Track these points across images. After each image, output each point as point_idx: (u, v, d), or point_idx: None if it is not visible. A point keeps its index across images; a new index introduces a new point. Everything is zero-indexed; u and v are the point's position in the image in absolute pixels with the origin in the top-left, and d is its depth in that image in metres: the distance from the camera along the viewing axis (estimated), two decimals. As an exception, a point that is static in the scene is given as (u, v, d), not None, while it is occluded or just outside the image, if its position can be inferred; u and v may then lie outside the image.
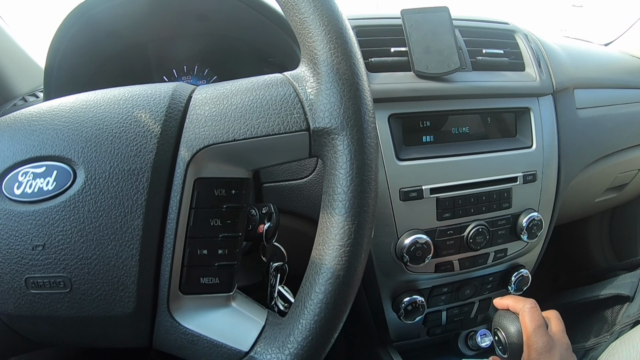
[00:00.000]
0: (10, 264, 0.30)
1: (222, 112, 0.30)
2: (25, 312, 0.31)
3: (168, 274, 0.30)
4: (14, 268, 0.30)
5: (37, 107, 0.33)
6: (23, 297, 0.31)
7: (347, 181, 0.27)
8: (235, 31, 0.63)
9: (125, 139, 0.30)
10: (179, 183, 0.29)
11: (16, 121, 0.33)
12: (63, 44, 0.59)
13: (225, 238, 0.30)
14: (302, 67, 0.30)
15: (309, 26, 0.28)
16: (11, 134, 0.32)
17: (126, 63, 0.67)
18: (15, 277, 0.30)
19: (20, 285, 0.31)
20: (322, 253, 0.28)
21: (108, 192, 0.29)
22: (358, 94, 0.28)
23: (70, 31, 0.58)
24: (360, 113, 0.28)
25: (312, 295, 0.28)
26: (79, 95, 0.33)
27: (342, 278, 0.27)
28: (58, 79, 0.61)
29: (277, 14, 0.55)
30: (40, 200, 0.30)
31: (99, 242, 0.29)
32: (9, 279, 0.31)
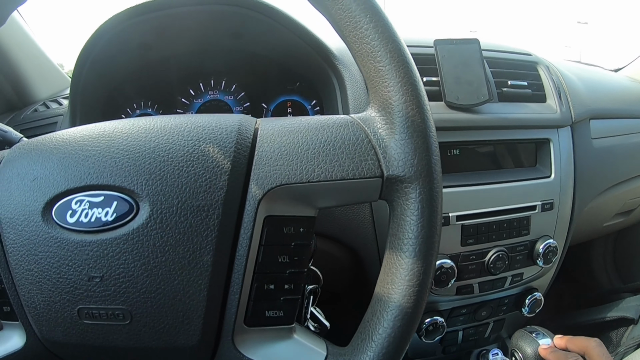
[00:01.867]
0: (60, 294, 0.30)
1: (293, 150, 0.30)
2: (75, 341, 0.31)
3: (235, 308, 0.30)
4: (65, 297, 0.30)
5: (86, 129, 0.33)
6: (74, 327, 0.31)
7: (417, 227, 0.29)
8: (268, 51, 0.64)
9: (194, 174, 0.29)
10: (250, 220, 0.29)
11: (65, 143, 0.32)
12: (94, 53, 0.59)
13: (292, 273, 0.31)
14: (372, 112, 0.30)
15: (385, 75, 0.29)
16: (61, 157, 0.31)
17: (153, 74, 0.68)
18: (65, 307, 0.30)
19: (71, 314, 0.30)
20: (390, 291, 0.29)
21: (176, 227, 0.29)
22: (430, 146, 0.29)
23: (101, 40, 0.58)
24: (431, 163, 0.29)
25: (380, 330, 0.29)
26: (134, 121, 0.33)
27: (409, 315, 0.29)
28: (85, 87, 0.61)
29: (314, 38, 0.56)
30: (98, 230, 0.29)
31: (164, 277, 0.29)
32: (58, 308, 0.30)
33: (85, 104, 0.62)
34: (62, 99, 0.72)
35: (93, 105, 0.65)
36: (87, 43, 0.58)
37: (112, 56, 0.62)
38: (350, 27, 0.29)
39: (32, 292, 0.31)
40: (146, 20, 0.57)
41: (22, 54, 0.74)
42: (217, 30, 0.60)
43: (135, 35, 0.60)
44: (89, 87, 0.62)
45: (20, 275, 0.31)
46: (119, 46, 0.61)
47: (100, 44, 0.58)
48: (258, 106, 0.67)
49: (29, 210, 0.30)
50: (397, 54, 0.29)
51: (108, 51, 0.60)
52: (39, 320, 0.31)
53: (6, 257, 0.31)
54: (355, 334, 0.31)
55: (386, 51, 0.29)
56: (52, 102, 0.72)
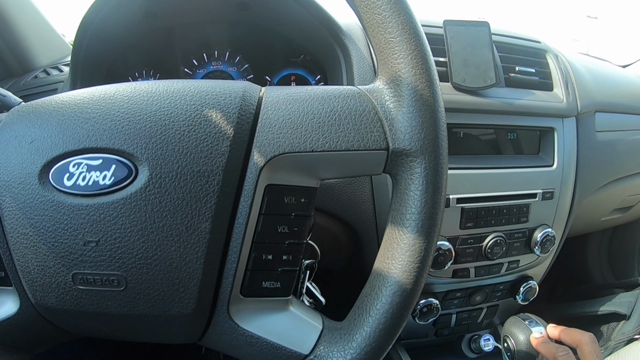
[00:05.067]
0: (55, 258, 0.29)
1: (298, 118, 0.29)
2: (68, 307, 0.30)
3: (232, 277, 0.30)
4: (59, 262, 0.29)
5: (87, 92, 0.32)
6: (68, 292, 0.30)
7: (420, 202, 0.28)
8: (274, 23, 0.63)
9: (195, 139, 0.28)
10: (250, 188, 0.29)
11: (64, 105, 0.31)
12: (96, 20, 0.58)
13: (291, 244, 0.30)
14: (380, 83, 0.30)
15: (395, 47, 0.28)
16: (59, 119, 0.30)
17: (156, 44, 0.67)
18: (60, 271, 0.29)
19: (65, 280, 0.29)
20: (390, 266, 0.29)
21: (175, 192, 0.28)
22: (437, 120, 0.29)
23: (105, 7, 0.57)
24: (438, 139, 0.28)
25: (378, 305, 0.29)
26: (136, 84, 0.32)
27: (409, 291, 0.29)
28: (86, 55, 0.60)
29: (322, 12, 0.55)
30: (95, 194, 0.29)
31: (161, 243, 0.28)
32: (52, 273, 0.30)
33: (86, 71, 0.61)
34: (63, 65, 0.71)
35: (94, 73, 0.64)
36: (90, 9, 0.56)
37: (115, 24, 0.61)
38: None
39: (27, 256, 0.30)
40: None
41: (23, 20, 0.73)
42: (223, 1, 0.59)
43: (141, 3, 0.59)
44: (91, 54, 0.61)
45: (15, 240, 0.30)
46: (123, 14, 0.59)
47: (103, 11, 0.57)
48: (262, 79, 0.66)
49: (25, 173, 0.30)
50: (409, 26, 0.28)
51: (111, 19, 0.59)
52: (33, 285, 0.30)
53: (1, 221, 0.31)
54: (352, 308, 0.31)
55: (398, 22, 0.28)
56: (53, 69, 0.71)
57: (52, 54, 0.77)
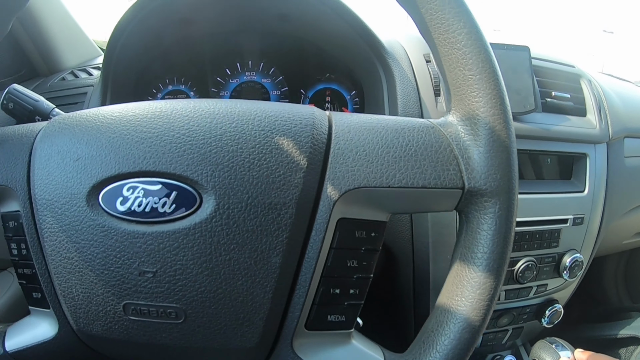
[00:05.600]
0: (104, 287, 0.28)
1: (372, 150, 0.28)
2: (117, 336, 0.29)
3: (298, 311, 0.29)
4: (109, 291, 0.28)
5: (138, 107, 0.30)
6: (117, 322, 0.29)
7: (492, 242, 0.28)
8: (313, 36, 0.62)
9: (266, 168, 0.27)
10: (323, 222, 0.28)
11: (114, 121, 0.29)
12: (132, 24, 0.57)
13: (359, 278, 0.30)
14: (454, 119, 0.30)
15: (474, 85, 0.28)
16: (110, 136, 0.28)
17: (189, 50, 0.66)
18: (109, 300, 0.28)
19: (115, 309, 0.28)
20: (458, 303, 0.29)
21: (244, 225, 0.27)
22: (512, 162, 0.28)
23: (142, 11, 0.56)
24: (512, 180, 0.28)
25: (445, 341, 0.29)
26: (194, 103, 0.30)
27: (477, 328, 0.28)
28: (119, 58, 0.59)
29: (366, 28, 0.55)
30: (154, 221, 0.27)
31: (227, 277, 0.27)
32: (100, 301, 0.28)
33: (117, 75, 0.60)
34: (92, 68, 0.70)
35: (125, 78, 0.63)
36: (126, 13, 0.55)
37: (150, 29, 0.60)
38: (442, 30, 0.28)
39: (71, 281, 0.29)
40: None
41: (52, 19, 0.71)
42: (264, 11, 0.58)
43: (179, 9, 0.58)
44: (123, 58, 0.60)
45: (57, 263, 0.29)
46: (159, 19, 0.59)
47: (139, 16, 0.56)
48: (296, 91, 0.66)
49: (71, 193, 0.28)
50: (489, 65, 0.28)
51: (146, 23, 0.58)
52: (76, 311, 0.29)
53: (40, 241, 0.29)
54: (415, 342, 0.31)
55: (478, 60, 0.28)
56: (81, 72, 0.70)
57: (80, 56, 0.76)
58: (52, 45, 0.71)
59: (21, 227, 0.30)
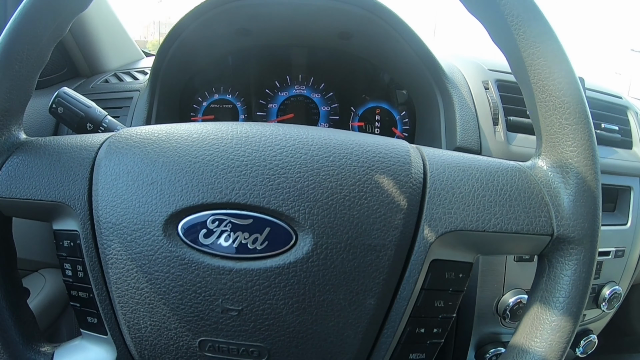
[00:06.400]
0: (180, 322, 0.27)
1: (468, 193, 0.28)
2: None
3: (384, 351, 0.29)
4: (185, 327, 0.27)
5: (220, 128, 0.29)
6: (189, 357, 0.28)
7: (574, 287, 0.28)
8: (371, 55, 0.62)
9: (367, 208, 0.26)
10: (418, 263, 0.28)
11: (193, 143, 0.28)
12: (187, 31, 0.56)
13: (443, 318, 0.30)
14: (545, 164, 0.30)
15: (569, 134, 0.28)
16: (191, 160, 0.27)
17: (240, 60, 0.65)
18: (184, 336, 0.27)
19: (189, 345, 0.27)
20: (537, 344, 0.29)
21: (342, 266, 0.26)
22: (598, 212, 0.29)
23: (199, 19, 0.55)
24: (597, 230, 0.29)
25: None
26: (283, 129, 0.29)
27: None
28: (169, 64, 0.59)
29: (428, 52, 0.54)
30: (242, 258, 0.26)
31: (318, 318, 0.26)
32: (173, 336, 0.27)
33: (165, 81, 0.60)
34: (136, 72, 0.69)
35: (174, 84, 0.62)
36: (183, 20, 0.55)
37: (204, 37, 0.59)
38: (542, 76, 0.28)
39: (139, 312, 0.28)
40: (255, 5, 0.54)
41: (98, 20, 0.70)
42: (326, 27, 0.58)
43: (238, 20, 0.57)
44: (173, 64, 0.59)
45: (124, 292, 0.28)
46: (216, 28, 0.58)
47: (196, 23, 0.56)
48: (346, 109, 0.65)
49: (144, 220, 0.27)
50: (585, 116, 0.28)
51: (202, 31, 0.57)
52: (141, 343, 0.28)
53: (102, 266, 0.28)
54: None
55: (576, 110, 0.28)
56: (125, 75, 0.69)
57: (123, 58, 0.75)
58: (95, 45, 0.70)
59: (78, 248, 0.29)
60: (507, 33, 0.28)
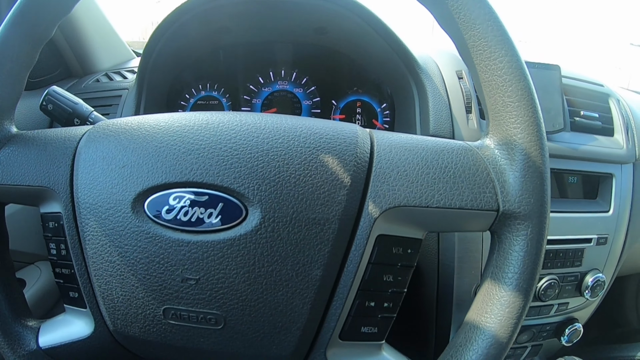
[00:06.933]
0: (145, 291, 0.29)
1: (412, 170, 0.29)
2: (154, 339, 0.30)
3: (334, 322, 0.30)
4: (150, 295, 0.29)
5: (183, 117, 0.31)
6: (156, 325, 0.30)
7: (523, 263, 0.29)
8: (348, 48, 0.63)
9: (311, 184, 0.28)
10: (363, 238, 0.29)
11: (160, 130, 0.30)
12: (170, 30, 0.59)
13: (393, 293, 0.31)
14: (491, 143, 0.30)
15: (512, 111, 0.29)
16: (157, 145, 0.29)
17: (225, 58, 0.67)
18: (149, 304, 0.29)
19: (155, 313, 0.29)
20: (487, 320, 0.30)
21: (288, 238, 0.28)
22: (546, 187, 0.29)
23: (182, 18, 0.57)
24: (545, 205, 0.29)
25: (472, 356, 0.30)
26: (241, 116, 0.31)
27: (504, 345, 0.29)
28: (155, 63, 0.61)
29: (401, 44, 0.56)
30: (199, 231, 0.28)
31: (268, 287, 0.28)
32: (140, 304, 0.29)
33: (152, 80, 0.62)
34: (126, 71, 0.72)
35: (160, 82, 0.64)
36: (166, 19, 0.57)
37: (187, 35, 0.61)
38: (484, 56, 0.29)
39: (111, 284, 0.30)
40: (232, 4, 0.56)
41: (88, 22, 0.73)
42: (302, 23, 0.60)
43: (218, 18, 0.59)
44: (160, 63, 0.61)
45: (98, 265, 0.30)
46: (198, 26, 0.60)
47: (179, 22, 0.58)
48: (327, 102, 0.67)
49: (116, 199, 0.29)
50: (528, 92, 0.29)
51: (185, 30, 0.60)
52: (114, 313, 0.30)
53: (81, 243, 0.31)
54: (443, 355, 0.32)
55: (518, 87, 0.28)
56: (115, 74, 0.71)
57: (113, 58, 0.78)
58: (87, 46, 0.73)
59: (62, 229, 0.32)
60: (449, 17, 0.29)
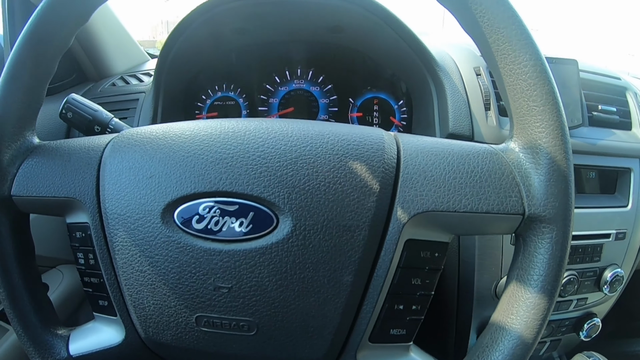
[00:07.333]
0: (177, 299, 0.29)
1: (439, 175, 0.30)
2: (186, 345, 0.31)
3: (364, 326, 0.30)
4: (182, 304, 0.29)
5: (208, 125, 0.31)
6: (188, 333, 0.30)
7: (548, 265, 0.29)
8: (364, 47, 0.63)
9: (341, 192, 0.28)
10: (392, 243, 0.29)
11: (187, 139, 0.30)
12: (186, 33, 0.59)
13: (421, 295, 0.31)
14: (516, 146, 0.30)
15: (537, 115, 0.29)
16: (184, 155, 0.29)
17: (241, 59, 0.67)
18: (181, 312, 0.29)
19: (187, 321, 0.29)
20: (513, 321, 0.30)
21: (319, 246, 0.28)
22: (570, 190, 0.29)
23: (197, 21, 0.57)
24: (569, 209, 0.29)
25: (499, 356, 0.30)
26: (266, 123, 0.31)
27: (528, 345, 0.30)
28: (171, 66, 0.61)
29: (418, 42, 0.55)
30: (230, 240, 0.28)
31: (300, 294, 0.28)
32: (172, 313, 0.30)
33: (169, 82, 0.62)
34: (141, 74, 0.72)
35: (177, 84, 0.65)
36: (182, 22, 0.57)
37: (203, 37, 0.61)
38: (508, 60, 0.29)
39: (142, 293, 0.30)
40: (248, 5, 0.57)
41: (102, 26, 0.74)
42: (317, 22, 0.60)
43: (234, 20, 0.59)
44: (175, 65, 0.62)
45: (129, 275, 0.30)
46: (214, 28, 0.60)
47: (194, 25, 0.58)
48: (344, 100, 0.67)
49: (145, 210, 0.29)
50: (552, 96, 0.29)
51: (201, 32, 0.60)
52: (146, 321, 0.31)
53: (110, 253, 0.31)
54: (469, 355, 0.32)
55: (542, 92, 0.28)
56: (131, 78, 0.72)
57: (129, 62, 0.78)
58: (101, 50, 0.73)
59: (89, 239, 0.32)
60: (473, 20, 0.29)
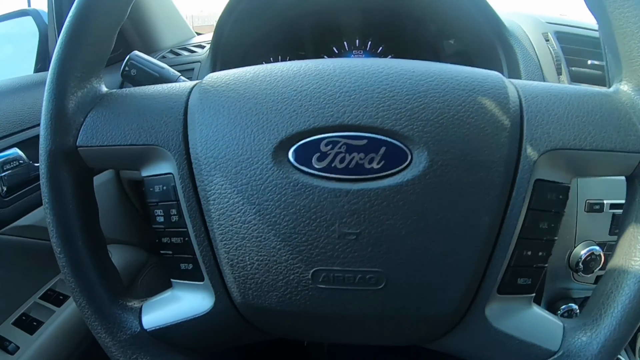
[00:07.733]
0: (291, 252, 0.26)
1: (562, 115, 0.29)
2: (293, 309, 0.27)
3: (497, 274, 0.28)
4: (297, 257, 0.26)
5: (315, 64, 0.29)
6: (300, 292, 0.27)
7: None
8: (429, 14, 0.62)
9: (475, 126, 0.27)
10: (524, 182, 0.28)
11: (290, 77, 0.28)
12: (241, 4, 0.58)
13: (547, 241, 0.30)
14: (628, 88, 0.30)
15: None
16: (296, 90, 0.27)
17: (299, 29, 0.66)
18: (294, 268, 0.26)
19: (300, 278, 0.26)
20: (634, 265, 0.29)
21: (457, 182, 0.26)
22: None
23: None
24: None
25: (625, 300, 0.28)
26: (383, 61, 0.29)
27: None
28: (229, 34, 0.61)
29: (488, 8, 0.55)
30: (359, 179, 0.26)
31: (434, 237, 0.26)
32: (282, 270, 0.26)
33: (227, 51, 0.61)
34: (193, 47, 0.71)
35: (234, 54, 0.64)
36: None
37: (259, 8, 0.61)
38: (617, 4, 0.28)
39: (245, 248, 0.27)
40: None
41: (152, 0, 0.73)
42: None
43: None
44: (233, 34, 0.61)
45: (227, 228, 0.27)
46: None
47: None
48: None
49: (252, 149, 0.26)
50: None
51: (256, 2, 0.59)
52: (245, 282, 0.27)
53: (200, 206, 0.28)
54: (591, 303, 0.31)
55: None
56: (182, 50, 0.71)
57: (176, 37, 0.77)
58: (150, 25, 0.72)
59: (172, 191, 0.29)
60: None
